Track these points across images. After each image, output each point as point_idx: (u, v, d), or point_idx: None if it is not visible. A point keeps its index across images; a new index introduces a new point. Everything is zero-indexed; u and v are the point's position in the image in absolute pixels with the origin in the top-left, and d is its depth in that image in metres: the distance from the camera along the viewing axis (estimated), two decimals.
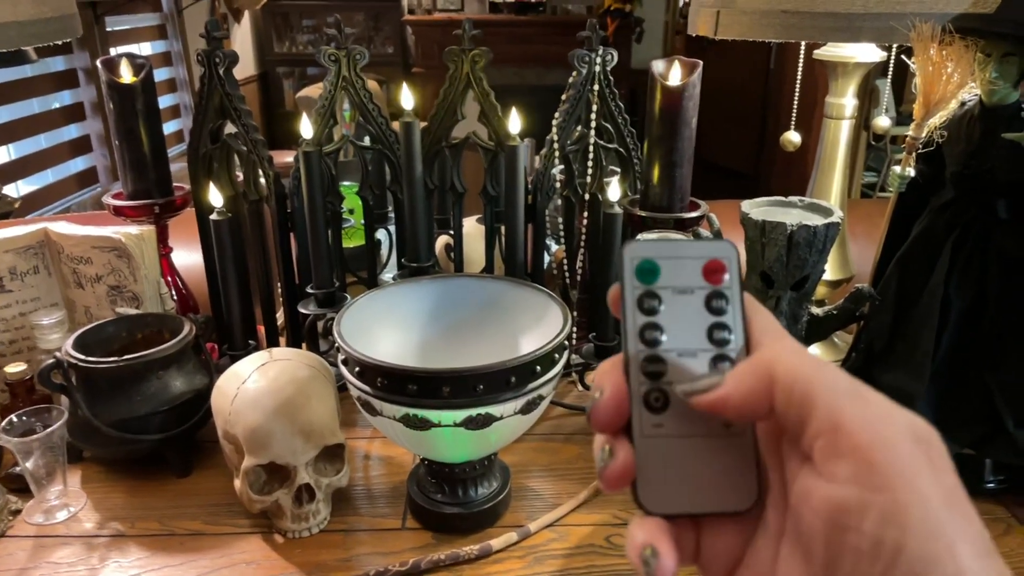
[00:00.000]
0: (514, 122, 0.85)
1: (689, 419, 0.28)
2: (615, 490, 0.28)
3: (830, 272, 0.96)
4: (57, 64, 2.72)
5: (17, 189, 2.46)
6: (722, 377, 0.27)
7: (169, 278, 0.98)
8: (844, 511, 0.23)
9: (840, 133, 0.96)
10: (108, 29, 2.95)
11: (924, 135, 0.76)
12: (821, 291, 1.00)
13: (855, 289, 0.79)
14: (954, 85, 0.72)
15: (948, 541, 0.22)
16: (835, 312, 0.80)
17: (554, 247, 1.03)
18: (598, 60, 0.86)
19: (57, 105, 2.76)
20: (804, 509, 0.25)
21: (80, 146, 2.86)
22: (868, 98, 2.65)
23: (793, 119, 1.00)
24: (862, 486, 0.23)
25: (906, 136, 0.77)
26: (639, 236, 0.75)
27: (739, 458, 0.29)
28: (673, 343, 0.29)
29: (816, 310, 0.81)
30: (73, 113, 2.82)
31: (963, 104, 0.75)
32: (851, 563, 0.23)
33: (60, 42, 0.89)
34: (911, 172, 0.79)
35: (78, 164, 2.85)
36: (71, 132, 2.82)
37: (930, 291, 0.75)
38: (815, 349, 0.98)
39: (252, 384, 0.71)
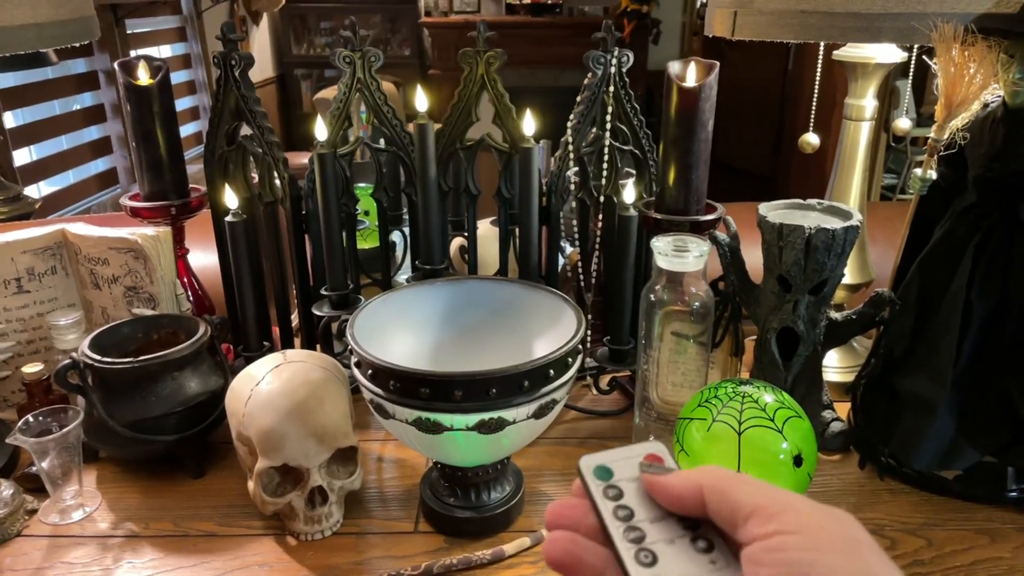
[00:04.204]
0: (528, 124, 0.85)
1: (680, 565, 0.33)
2: None
3: (849, 276, 0.95)
4: (78, 66, 2.75)
5: (39, 190, 2.49)
6: (671, 472, 0.36)
7: (185, 279, 0.98)
8: (771, 547, 0.31)
9: (860, 135, 0.94)
10: (128, 32, 2.98)
11: (946, 137, 0.74)
12: (840, 295, 0.99)
13: (875, 293, 0.78)
14: (976, 86, 0.71)
15: (858, 556, 0.30)
16: (854, 317, 0.79)
17: (569, 249, 1.03)
18: (613, 61, 0.85)
19: (78, 107, 2.79)
20: None
21: (101, 147, 2.89)
22: (888, 99, 2.62)
23: (811, 120, 0.99)
24: (783, 534, 0.31)
25: (927, 138, 0.75)
26: (652, 240, 0.75)
27: None
28: (643, 514, 0.35)
29: (835, 314, 0.80)
30: (94, 115, 2.86)
31: (986, 106, 0.74)
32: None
33: (79, 44, 0.90)
34: (932, 175, 0.77)
35: (99, 165, 2.88)
36: (92, 134, 2.85)
37: (951, 296, 0.74)
38: (834, 354, 0.97)
39: (266, 386, 0.71)
